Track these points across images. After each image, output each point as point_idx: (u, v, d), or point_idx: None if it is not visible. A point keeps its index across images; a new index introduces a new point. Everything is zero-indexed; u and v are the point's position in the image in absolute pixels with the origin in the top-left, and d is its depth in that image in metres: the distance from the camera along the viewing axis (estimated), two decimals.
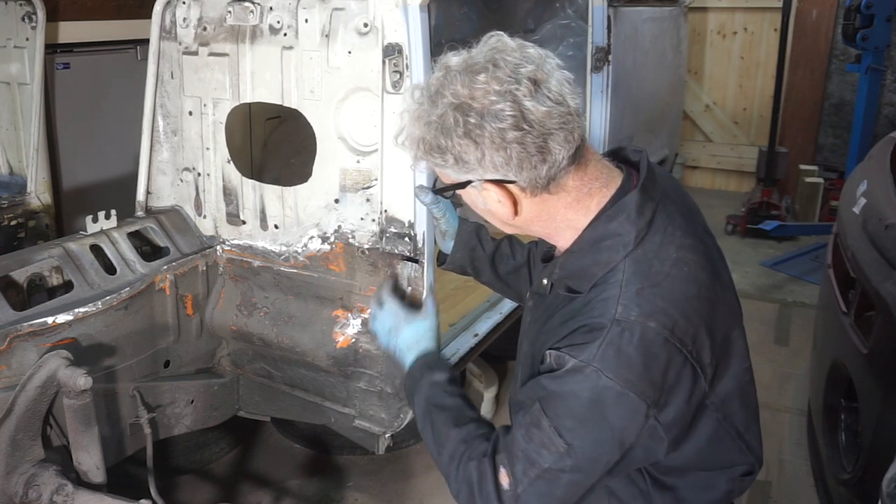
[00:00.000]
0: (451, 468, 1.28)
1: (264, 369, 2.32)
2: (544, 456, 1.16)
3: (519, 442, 1.19)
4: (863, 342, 2.17)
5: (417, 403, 1.42)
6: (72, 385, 1.72)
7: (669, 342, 1.15)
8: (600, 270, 1.21)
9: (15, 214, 2.74)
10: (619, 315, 1.15)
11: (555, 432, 1.15)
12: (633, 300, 1.16)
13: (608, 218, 1.23)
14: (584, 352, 1.14)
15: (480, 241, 1.76)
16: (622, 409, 1.14)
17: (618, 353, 1.13)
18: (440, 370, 1.45)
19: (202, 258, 2.26)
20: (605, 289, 1.19)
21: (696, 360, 1.18)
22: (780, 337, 4.09)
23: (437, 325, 1.58)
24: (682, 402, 1.18)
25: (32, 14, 2.74)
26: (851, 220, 2.51)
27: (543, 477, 1.17)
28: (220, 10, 2.12)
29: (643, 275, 1.19)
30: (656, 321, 1.15)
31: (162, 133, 2.33)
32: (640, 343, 1.13)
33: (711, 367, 1.21)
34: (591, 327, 1.16)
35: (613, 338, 1.13)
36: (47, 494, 1.74)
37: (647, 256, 1.21)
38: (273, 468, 2.97)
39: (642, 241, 1.21)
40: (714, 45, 6.63)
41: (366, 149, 1.98)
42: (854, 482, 2.17)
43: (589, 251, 1.24)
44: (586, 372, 1.13)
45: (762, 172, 5.83)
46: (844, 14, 5.09)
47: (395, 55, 1.82)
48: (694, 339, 1.18)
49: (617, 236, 1.21)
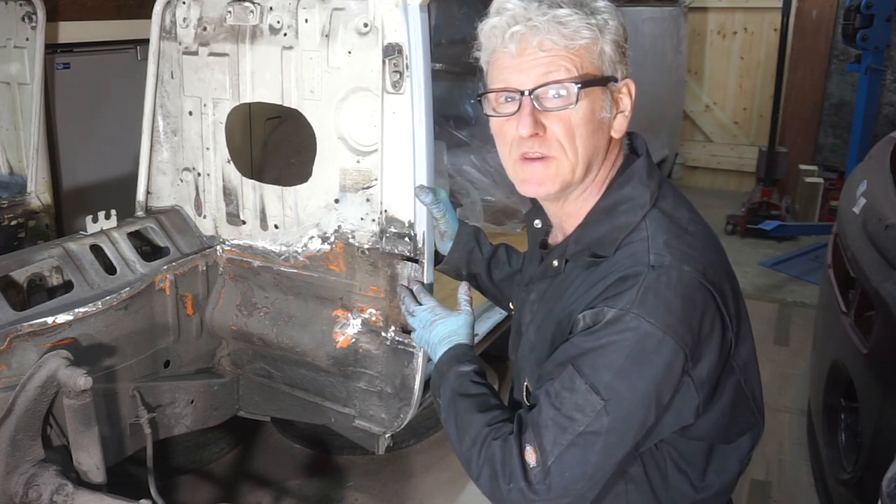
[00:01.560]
0: (472, 452, 1.24)
1: (264, 369, 2.32)
2: (578, 419, 1.13)
3: (547, 411, 1.15)
4: (863, 342, 2.17)
5: (443, 395, 1.40)
6: (72, 385, 1.72)
7: (704, 285, 1.16)
8: (621, 233, 1.23)
9: (15, 214, 2.74)
10: (654, 261, 1.16)
11: (590, 390, 1.12)
12: (664, 249, 1.18)
13: (619, 185, 1.27)
14: (622, 299, 1.14)
15: (479, 244, 1.76)
16: (662, 357, 1.13)
17: (657, 297, 1.13)
18: (467, 362, 1.44)
19: (202, 258, 2.26)
20: (631, 247, 1.21)
21: (725, 309, 1.20)
22: (780, 337, 4.10)
23: (471, 322, 1.57)
24: (714, 355, 1.19)
25: (32, 14, 2.74)
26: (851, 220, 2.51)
27: (577, 444, 1.13)
28: (220, 10, 2.12)
29: (665, 229, 1.22)
30: (690, 265, 1.17)
31: (162, 133, 2.33)
32: (678, 285, 1.14)
33: (735, 322, 1.23)
34: (626, 277, 1.16)
35: (651, 282, 1.14)
36: (47, 494, 1.74)
37: (664, 214, 1.24)
38: (273, 468, 2.97)
39: (657, 202, 1.25)
40: (714, 45, 6.63)
41: (366, 149, 1.98)
42: (854, 482, 2.17)
43: (606, 219, 1.26)
44: (626, 319, 1.12)
45: (762, 172, 5.83)
46: (844, 14, 5.09)
47: (395, 55, 1.82)
48: (720, 289, 1.20)
49: (632, 199, 1.25)
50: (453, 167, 3.68)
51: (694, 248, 1.20)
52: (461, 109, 4.20)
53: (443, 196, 1.81)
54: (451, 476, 2.86)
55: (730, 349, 1.23)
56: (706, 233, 1.28)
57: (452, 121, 4.13)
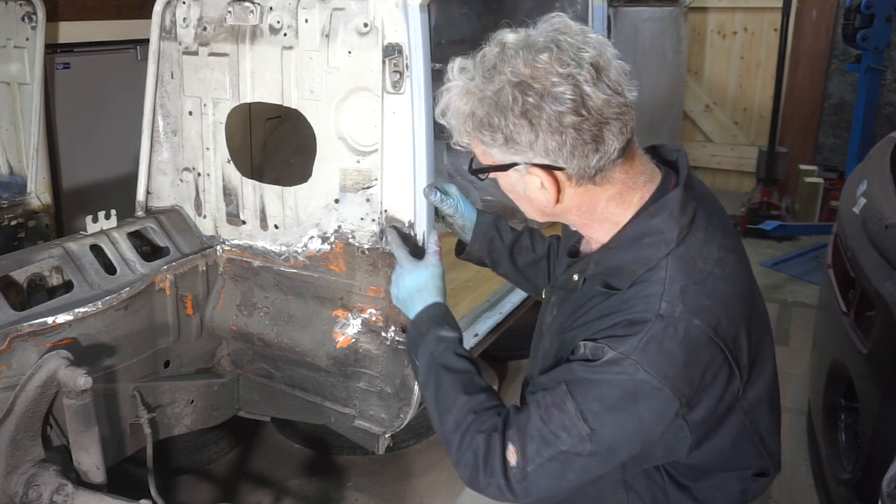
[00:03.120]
0: (455, 436, 1.25)
1: (264, 369, 2.32)
2: (562, 438, 1.14)
3: (535, 422, 1.16)
4: (863, 342, 2.17)
5: (421, 357, 1.38)
6: (72, 385, 1.72)
7: (713, 341, 1.14)
8: (641, 268, 1.19)
9: (15, 214, 2.74)
10: (664, 311, 1.13)
11: (579, 416, 1.12)
12: (678, 297, 1.14)
13: (650, 215, 1.21)
14: (625, 344, 1.12)
15: (499, 232, 1.73)
16: (655, 404, 1.12)
17: (660, 349, 1.11)
18: (449, 327, 1.41)
19: (202, 258, 2.26)
20: (647, 286, 1.17)
21: (734, 362, 1.17)
22: (780, 337, 4.09)
23: (440, 275, 1.54)
24: (713, 402, 1.17)
25: (32, 14, 2.75)
26: (851, 220, 2.50)
27: (557, 459, 1.15)
28: (220, 10, 2.12)
29: (687, 273, 1.17)
30: (701, 319, 1.13)
31: (162, 133, 2.33)
32: (683, 340, 1.12)
33: (747, 369, 1.20)
34: (633, 321, 1.14)
35: (657, 332, 1.11)
36: (47, 494, 1.74)
37: (690, 254, 1.19)
38: (273, 468, 2.97)
39: (685, 239, 1.19)
40: (714, 45, 6.63)
41: (366, 149, 1.98)
42: (854, 482, 2.17)
43: (629, 247, 1.21)
44: (624, 364, 1.11)
45: (762, 172, 5.83)
46: (844, 14, 5.09)
47: (395, 55, 1.82)
48: (734, 340, 1.17)
49: (659, 233, 1.19)
50: (453, 167, 3.68)
51: (712, 298, 1.16)
52: None
53: (453, 191, 1.76)
54: (451, 476, 2.85)
55: (736, 394, 1.20)
56: (733, 273, 1.21)
57: None
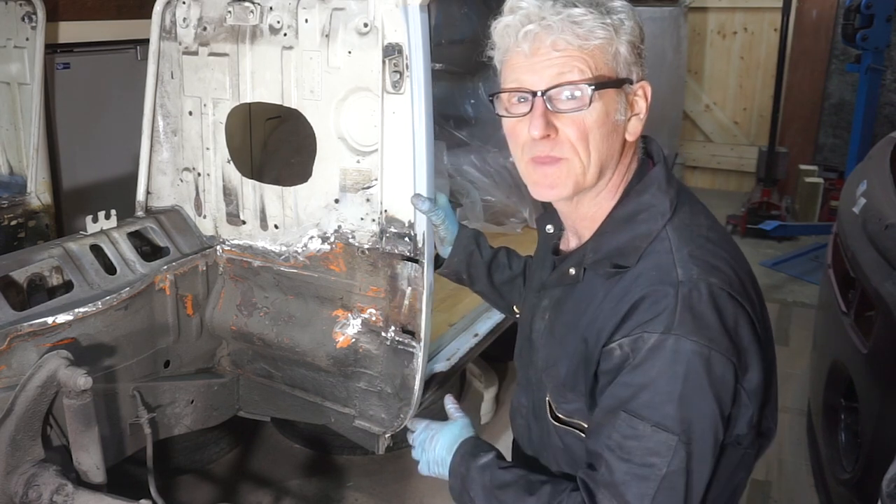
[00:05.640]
0: None
1: (264, 369, 2.32)
2: (656, 464, 1.08)
3: (619, 466, 1.10)
4: (863, 342, 2.17)
5: (476, 495, 1.32)
6: (72, 385, 1.72)
7: (733, 297, 1.15)
8: (643, 242, 1.20)
9: (15, 214, 2.74)
10: (682, 276, 1.13)
11: (658, 429, 1.08)
12: (689, 261, 1.15)
13: (638, 192, 1.24)
14: (660, 323, 1.10)
15: (479, 247, 1.75)
16: (715, 372, 1.10)
17: (693, 313, 1.10)
18: (483, 452, 1.36)
19: (202, 258, 2.26)
20: (655, 257, 1.18)
21: (755, 315, 1.18)
22: (780, 337, 4.10)
23: (470, 424, 1.49)
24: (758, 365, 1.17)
25: (32, 14, 2.75)
26: (851, 220, 2.51)
27: (664, 487, 1.09)
28: (220, 10, 2.12)
29: (688, 239, 1.19)
30: (717, 277, 1.14)
31: (162, 133, 2.32)
32: (709, 299, 1.12)
33: (762, 328, 1.21)
34: (656, 297, 1.12)
35: (683, 299, 1.11)
36: (47, 494, 1.74)
37: (684, 223, 1.22)
38: (273, 468, 2.97)
39: (676, 211, 1.22)
40: (714, 45, 6.64)
41: (366, 149, 1.98)
42: (854, 482, 2.17)
43: (625, 227, 1.22)
44: (668, 343, 1.09)
45: (762, 172, 5.84)
46: (844, 14, 5.09)
47: (395, 55, 1.82)
48: (749, 297, 1.18)
49: (652, 207, 1.22)
50: (453, 167, 3.69)
51: (718, 258, 1.18)
52: (461, 109, 4.20)
53: (442, 202, 1.79)
54: None
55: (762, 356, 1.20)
56: (726, 239, 1.25)
57: (452, 121, 4.13)
